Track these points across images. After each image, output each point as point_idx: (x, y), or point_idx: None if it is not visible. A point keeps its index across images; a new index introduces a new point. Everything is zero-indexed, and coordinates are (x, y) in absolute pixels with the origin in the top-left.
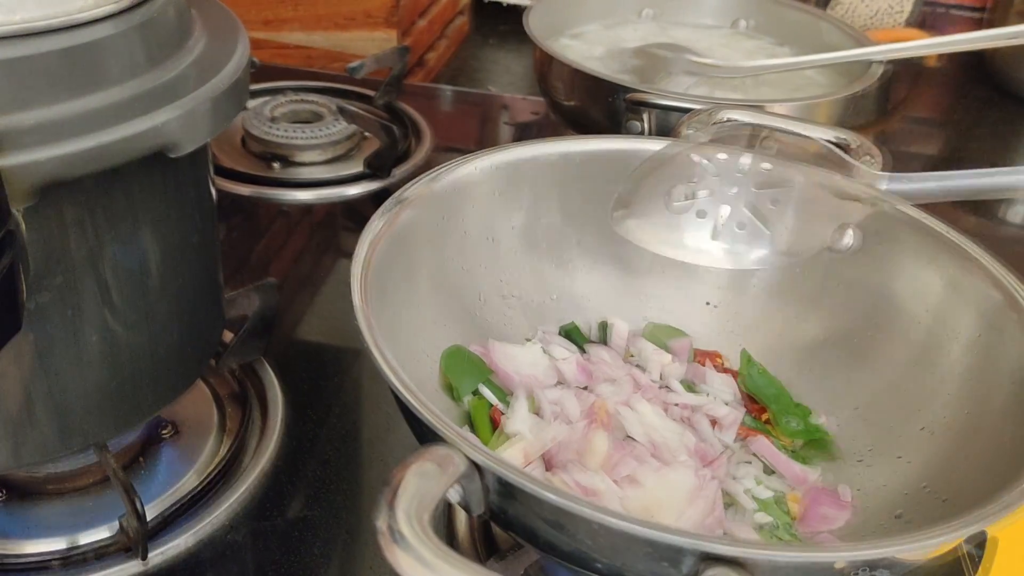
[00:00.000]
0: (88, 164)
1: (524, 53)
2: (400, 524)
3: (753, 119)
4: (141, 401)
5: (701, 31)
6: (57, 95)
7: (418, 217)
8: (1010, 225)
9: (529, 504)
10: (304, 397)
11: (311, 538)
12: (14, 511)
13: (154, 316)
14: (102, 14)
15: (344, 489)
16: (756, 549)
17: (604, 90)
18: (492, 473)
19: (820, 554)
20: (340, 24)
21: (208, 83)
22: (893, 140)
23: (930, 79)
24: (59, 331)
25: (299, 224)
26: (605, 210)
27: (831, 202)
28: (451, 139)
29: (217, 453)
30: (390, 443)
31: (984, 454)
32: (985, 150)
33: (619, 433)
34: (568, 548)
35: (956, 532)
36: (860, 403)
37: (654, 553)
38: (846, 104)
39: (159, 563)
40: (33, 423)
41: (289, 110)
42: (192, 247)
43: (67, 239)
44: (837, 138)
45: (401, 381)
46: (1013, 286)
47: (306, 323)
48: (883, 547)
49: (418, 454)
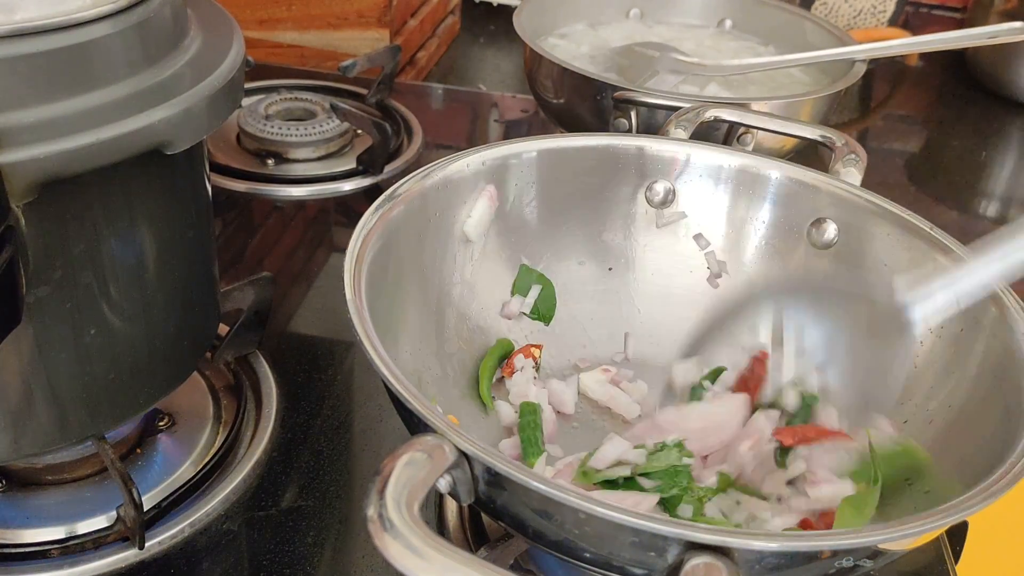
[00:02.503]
0: (86, 161)
1: (513, 52)
2: (390, 512)
3: (739, 118)
4: (138, 393)
5: (687, 30)
6: (55, 93)
7: (409, 213)
8: (986, 219)
9: (517, 493)
10: (298, 389)
11: (305, 527)
12: (14, 500)
13: (151, 310)
14: (100, 14)
15: (337, 479)
16: (740, 538)
17: (592, 88)
18: (481, 462)
19: (804, 543)
20: (333, 24)
21: (203, 82)
22: (875, 137)
23: (911, 78)
24: (58, 324)
25: (293, 219)
26: (590, 205)
27: (807, 196)
28: (442, 136)
29: (213, 444)
30: (382, 433)
31: (965, 446)
32: (964, 147)
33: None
34: (556, 537)
35: (938, 522)
36: (844, 399)
37: (639, 542)
38: (829, 102)
39: (156, 551)
40: (32, 414)
41: (283, 108)
42: (188, 242)
43: (66, 234)
44: (822, 136)
45: (392, 373)
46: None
47: (300, 316)
48: (867, 536)
49: (408, 444)
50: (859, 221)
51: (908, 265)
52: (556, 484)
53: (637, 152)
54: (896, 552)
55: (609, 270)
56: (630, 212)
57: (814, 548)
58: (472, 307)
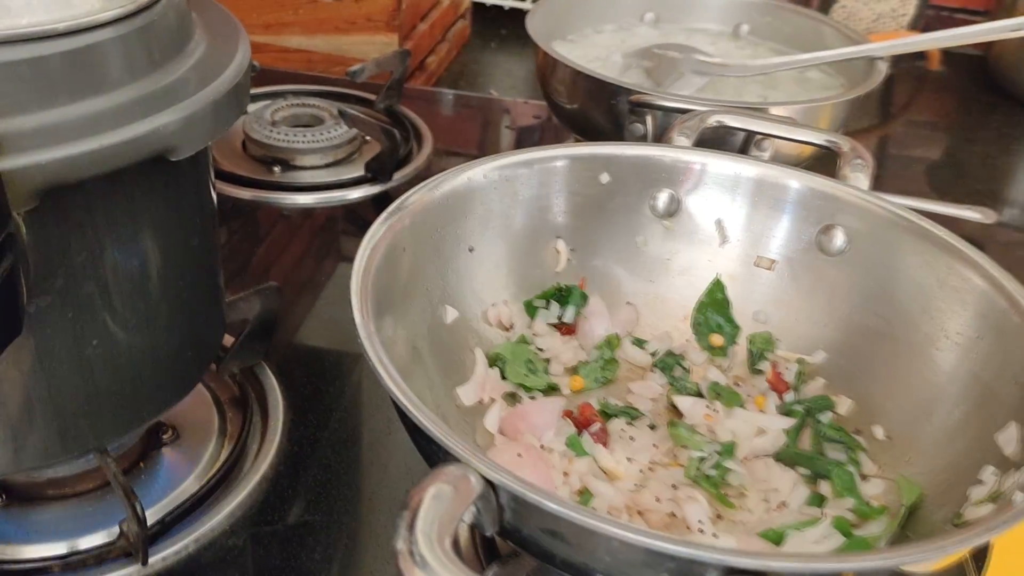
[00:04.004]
0: (89, 167)
1: (525, 57)
2: (421, 548)
3: (742, 124)
4: (142, 405)
5: (703, 35)
6: (58, 98)
7: (418, 224)
8: (1010, 227)
9: (546, 522)
10: (305, 401)
11: (312, 543)
12: (15, 515)
13: (155, 320)
14: (105, 19)
15: (345, 493)
16: (782, 561)
17: (606, 92)
18: (507, 491)
19: (834, 564)
20: (341, 28)
21: (209, 86)
22: (895, 143)
23: (933, 83)
24: (60, 335)
25: (300, 228)
26: (605, 214)
27: (820, 204)
28: (452, 143)
29: (218, 457)
30: (390, 447)
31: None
32: (987, 154)
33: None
34: (587, 565)
35: (961, 544)
36: (871, 412)
37: (677, 567)
38: (849, 107)
39: (159, 568)
40: (34, 427)
41: (290, 114)
42: (193, 251)
43: (68, 242)
44: (828, 142)
45: (411, 401)
46: (1013, 288)
47: (306, 327)
48: (894, 557)
49: (434, 475)
50: (869, 228)
51: (924, 271)
52: (589, 512)
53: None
54: (922, 573)
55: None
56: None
57: (841, 569)
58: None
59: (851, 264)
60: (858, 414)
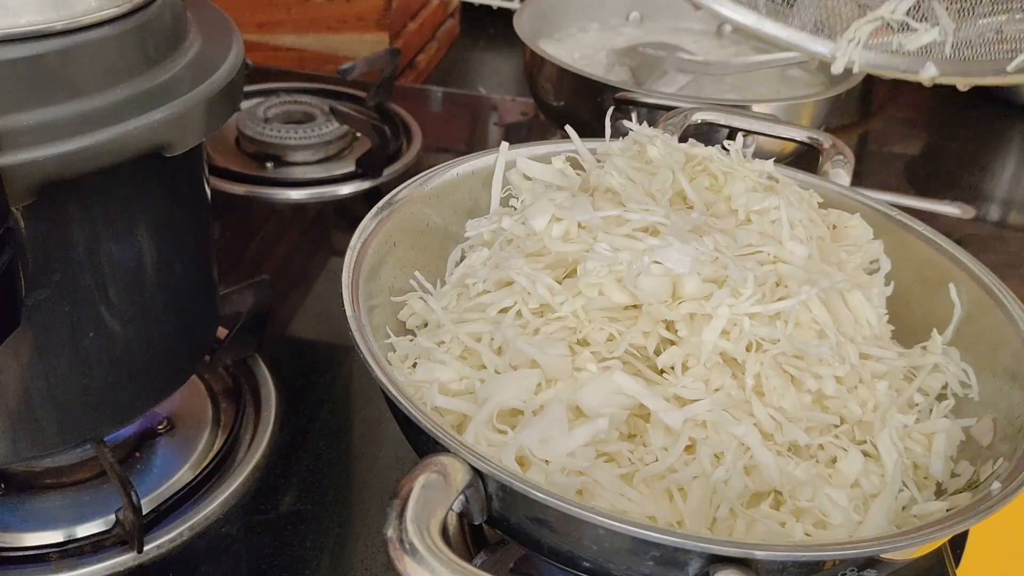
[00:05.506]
0: (85, 163)
1: (513, 55)
2: (411, 536)
3: (726, 121)
4: (137, 396)
5: (686, 34)
6: (55, 96)
7: (407, 219)
8: (987, 223)
9: (533, 511)
10: (297, 392)
11: (304, 530)
12: (13, 504)
13: (150, 312)
14: (102, 18)
15: (336, 482)
16: (765, 550)
17: (592, 90)
18: (495, 480)
19: (816, 553)
20: (332, 27)
21: (203, 84)
22: (875, 140)
23: (912, 82)
24: (57, 327)
25: (292, 222)
26: None
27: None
28: (441, 140)
29: (211, 447)
30: (381, 438)
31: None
32: (965, 151)
33: None
34: (574, 554)
35: (942, 532)
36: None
37: (662, 556)
38: (829, 105)
39: (155, 556)
40: (31, 418)
41: (282, 111)
42: (187, 245)
43: (65, 237)
44: (810, 138)
45: (400, 392)
46: (989, 280)
47: (299, 320)
48: (873, 546)
49: (423, 465)
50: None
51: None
52: (575, 501)
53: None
54: (902, 561)
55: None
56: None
57: (823, 558)
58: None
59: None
60: None
